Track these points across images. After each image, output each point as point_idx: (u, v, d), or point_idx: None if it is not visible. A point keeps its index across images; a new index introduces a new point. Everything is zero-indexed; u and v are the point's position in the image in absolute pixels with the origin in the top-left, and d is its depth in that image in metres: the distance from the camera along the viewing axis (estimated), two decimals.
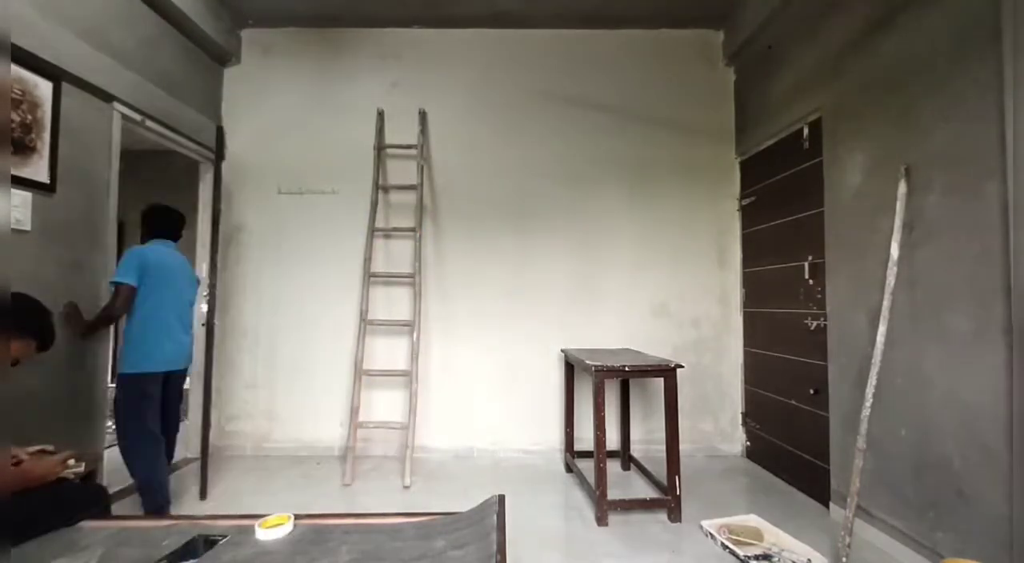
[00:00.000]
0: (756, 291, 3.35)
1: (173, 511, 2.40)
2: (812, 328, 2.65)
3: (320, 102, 3.56)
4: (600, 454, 2.40)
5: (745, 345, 3.48)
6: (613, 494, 2.49)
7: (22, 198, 2.04)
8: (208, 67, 3.42)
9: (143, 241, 2.49)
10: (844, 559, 1.97)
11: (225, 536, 1.44)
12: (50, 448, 1.66)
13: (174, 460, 2.71)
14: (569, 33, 3.60)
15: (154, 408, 2.33)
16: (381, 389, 3.43)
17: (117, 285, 2.24)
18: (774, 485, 2.93)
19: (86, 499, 1.61)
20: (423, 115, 3.50)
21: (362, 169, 3.52)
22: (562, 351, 3.26)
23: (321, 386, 3.44)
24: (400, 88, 3.60)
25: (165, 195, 2.91)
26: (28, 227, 2.06)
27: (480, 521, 1.48)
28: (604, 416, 2.44)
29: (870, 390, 2.00)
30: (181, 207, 2.61)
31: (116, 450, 2.31)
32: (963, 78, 1.82)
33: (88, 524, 1.51)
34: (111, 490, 2.41)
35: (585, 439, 3.30)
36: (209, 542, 1.41)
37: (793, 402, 2.86)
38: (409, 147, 3.45)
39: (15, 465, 1.48)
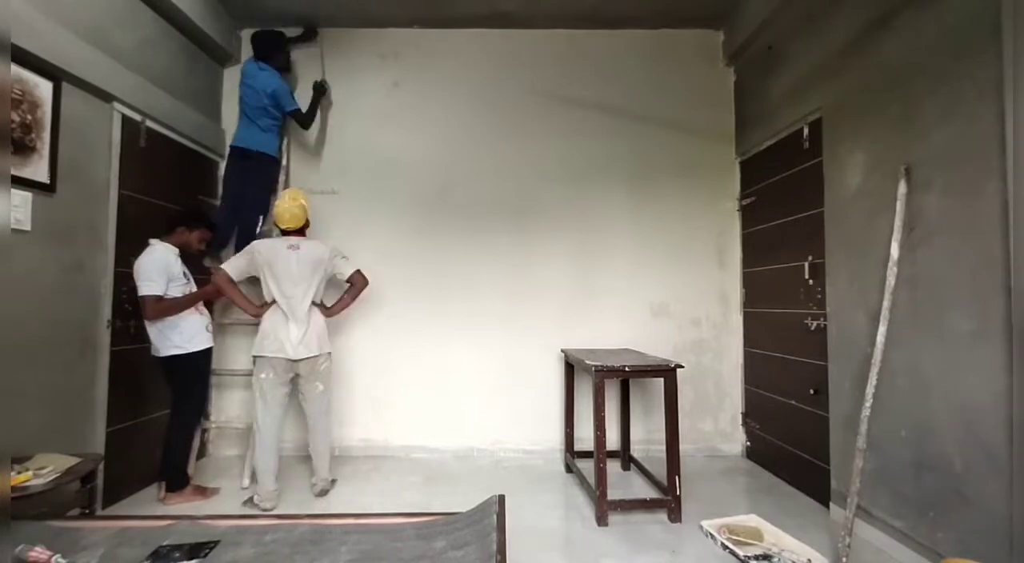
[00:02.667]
0: (756, 291, 3.35)
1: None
2: (812, 328, 2.65)
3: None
4: (600, 454, 2.40)
5: (745, 345, 3.48)
6: (613, 494, 2.48)
7: (22, 198, 2.04)
8: (208, 67, 3.42)
9: None
10: (844, 559, 1.97)
11: (225, 536, 1.44)
12: None
13: None
14: (569, 33, 3.60)
15: None
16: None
17: None
18: (774, 485, 2.93)
19: None
20: None
21: (363, 169, 3.53)
22: (562, 351, 3.26)
23: None
24: (400, 88, 3.59)
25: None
26: (28, 227, 2.06)
27: (480, 521, 1.48)
28: (604, 416, 2.44)
29: (870, 390, 2.00)
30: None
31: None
32: (963, 78, 1.82)
33: (88, 524, 1.51)
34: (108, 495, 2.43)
35: (585, 439, 3.30)
36: (209, 542, 1.41)
37: (793, 402, 2.86)
38: None
39: None
